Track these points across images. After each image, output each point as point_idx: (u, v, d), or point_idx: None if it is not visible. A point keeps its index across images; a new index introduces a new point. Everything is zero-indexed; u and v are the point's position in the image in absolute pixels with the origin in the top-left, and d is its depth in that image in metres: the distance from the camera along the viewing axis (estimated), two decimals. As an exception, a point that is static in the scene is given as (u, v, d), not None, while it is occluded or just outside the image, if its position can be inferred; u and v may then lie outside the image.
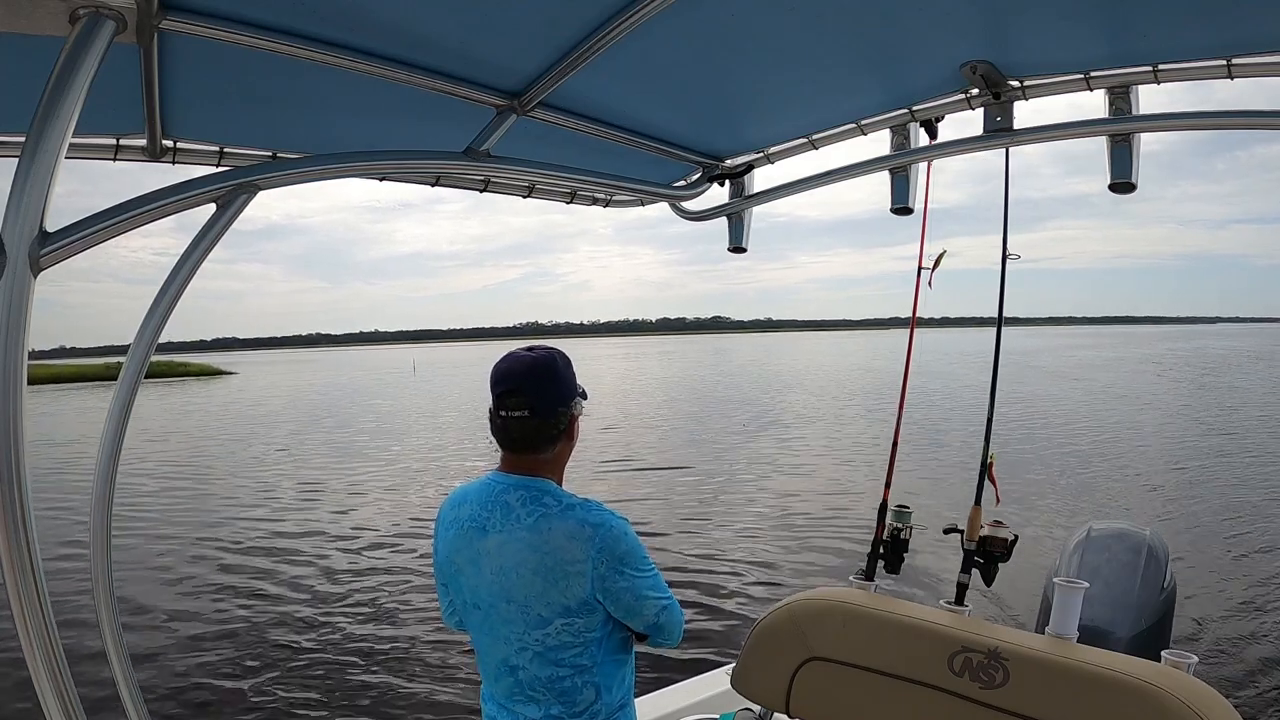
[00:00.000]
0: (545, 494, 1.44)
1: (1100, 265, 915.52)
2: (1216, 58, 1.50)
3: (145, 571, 7.48)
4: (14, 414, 0.88)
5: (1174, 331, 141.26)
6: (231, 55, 1.30)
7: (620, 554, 1.41)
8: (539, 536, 1.40)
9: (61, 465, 14.07)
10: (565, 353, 1.52)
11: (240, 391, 41.44)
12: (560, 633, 1.41)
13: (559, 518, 1.41)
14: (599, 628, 1.44)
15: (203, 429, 22.21)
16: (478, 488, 1.52)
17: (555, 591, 1.39)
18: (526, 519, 1.42)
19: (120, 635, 1.16)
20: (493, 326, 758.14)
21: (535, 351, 1.50)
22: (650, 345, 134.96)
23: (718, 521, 9.02)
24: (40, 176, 0.90)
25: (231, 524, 9.60)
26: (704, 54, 1.60)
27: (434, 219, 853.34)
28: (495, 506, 1.45)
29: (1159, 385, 26.44)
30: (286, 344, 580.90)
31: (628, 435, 16.93)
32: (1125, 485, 10.54)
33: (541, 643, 1.43)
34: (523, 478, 1.47)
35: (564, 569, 1.38)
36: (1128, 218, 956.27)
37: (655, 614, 1.46)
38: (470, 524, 1.47)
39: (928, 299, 2.02)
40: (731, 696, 1.83)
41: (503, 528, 1.43)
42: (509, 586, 1.42)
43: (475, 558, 1.46)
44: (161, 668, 5.19)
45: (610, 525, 1.41)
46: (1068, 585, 1.51)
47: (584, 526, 1.40)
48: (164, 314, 1.18)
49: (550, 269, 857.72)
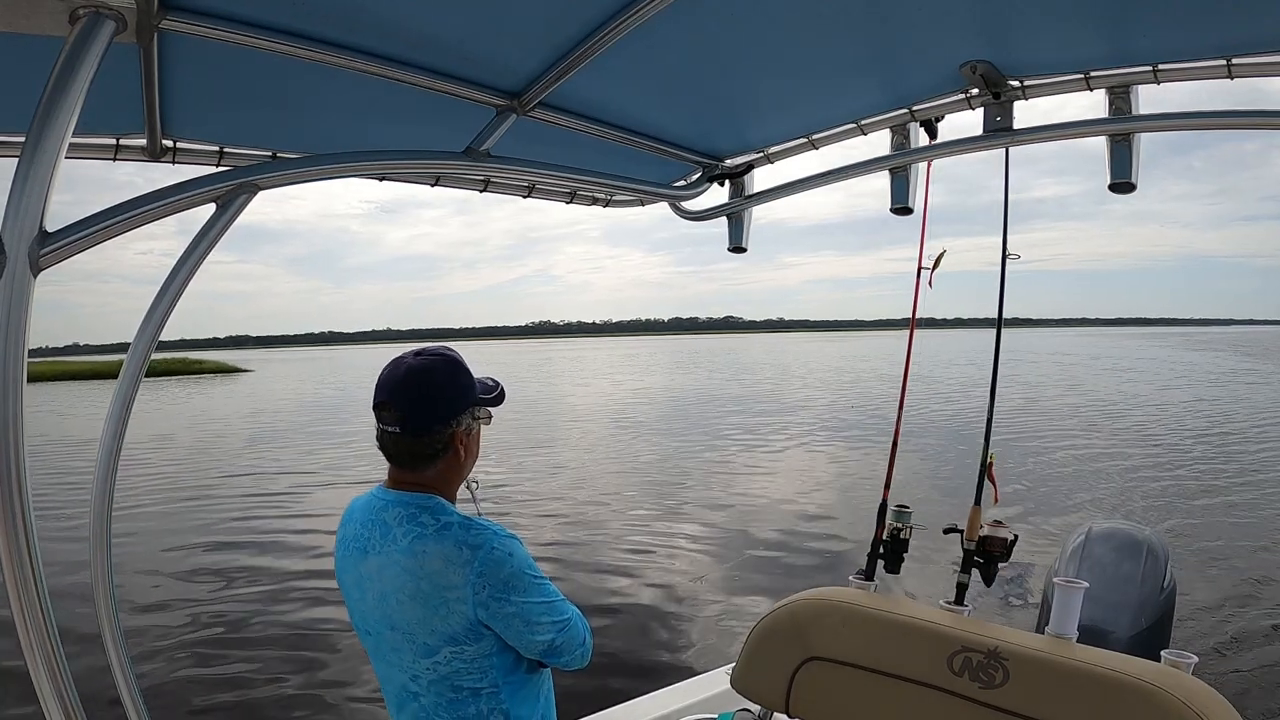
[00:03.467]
0: (424, 511, 1.30)
1: (1082, 268, 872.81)
2: (1216, 58, 1.50)
3: (149, 570, 7.48)
4: (14, 414, 0.88)
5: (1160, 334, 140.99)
6: (231, 55, 1.29)
7: (504, 578, 1.26)
8: (414, 560, 1.27)
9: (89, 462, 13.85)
10: (457, 359, 1.38)
11: (256, 389, 41.19)
12: (450, 660, 1.29)
13: (434, 539, 1.27)
14: (494, 653, 1.31)
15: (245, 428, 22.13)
16: (363, 503, 1.40)
17: (436, 619, 1.26)
18: (402, 540, 1.29)
19: (120, 635, 1.16)
20: (504, 325, 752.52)
21: (419, 358, 1.35)
22: (662, 345, 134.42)
23: (718, 521, 9.02)
24: (40, 176, 0.90)
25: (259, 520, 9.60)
26: (704, 54, 1.60)
27: (436, 221, 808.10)
28: (375, 525, 1.33)
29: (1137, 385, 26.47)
30: (299, 342, 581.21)
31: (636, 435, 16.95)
32: (1125, 485, 10.54)
33: (434, 671, 1.30)
34: (404, 494, 1.34)
35: (441, 595, 1.25)
36: (1109, 219, 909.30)
37: (549, 639, 1.32)
38: (353, 544, 1.36)
39: (930, 299, 2.01)
40: (731, 696, 1.83)
41: (380, 549, 1.31)
42: (390, 613, 1.30)
43: (359, 581, 1.35)
44: (161, 667, 5.19)
45: (491, 547, 1.27)
46: (1068, 585, 1.51)
47: (461, 549, 1.26)
48: (164, 314, 1.18)
49: (549, 270, 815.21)
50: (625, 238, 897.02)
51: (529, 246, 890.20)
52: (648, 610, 6.09)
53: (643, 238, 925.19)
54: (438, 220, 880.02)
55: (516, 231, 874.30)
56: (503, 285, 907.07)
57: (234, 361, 78.93)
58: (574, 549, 7.90)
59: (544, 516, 9.44)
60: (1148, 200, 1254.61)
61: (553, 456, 14.35)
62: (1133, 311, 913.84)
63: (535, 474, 12.41)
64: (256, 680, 5.01)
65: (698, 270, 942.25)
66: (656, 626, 5.76)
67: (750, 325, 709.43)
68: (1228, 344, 68.49)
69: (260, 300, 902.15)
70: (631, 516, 9.33)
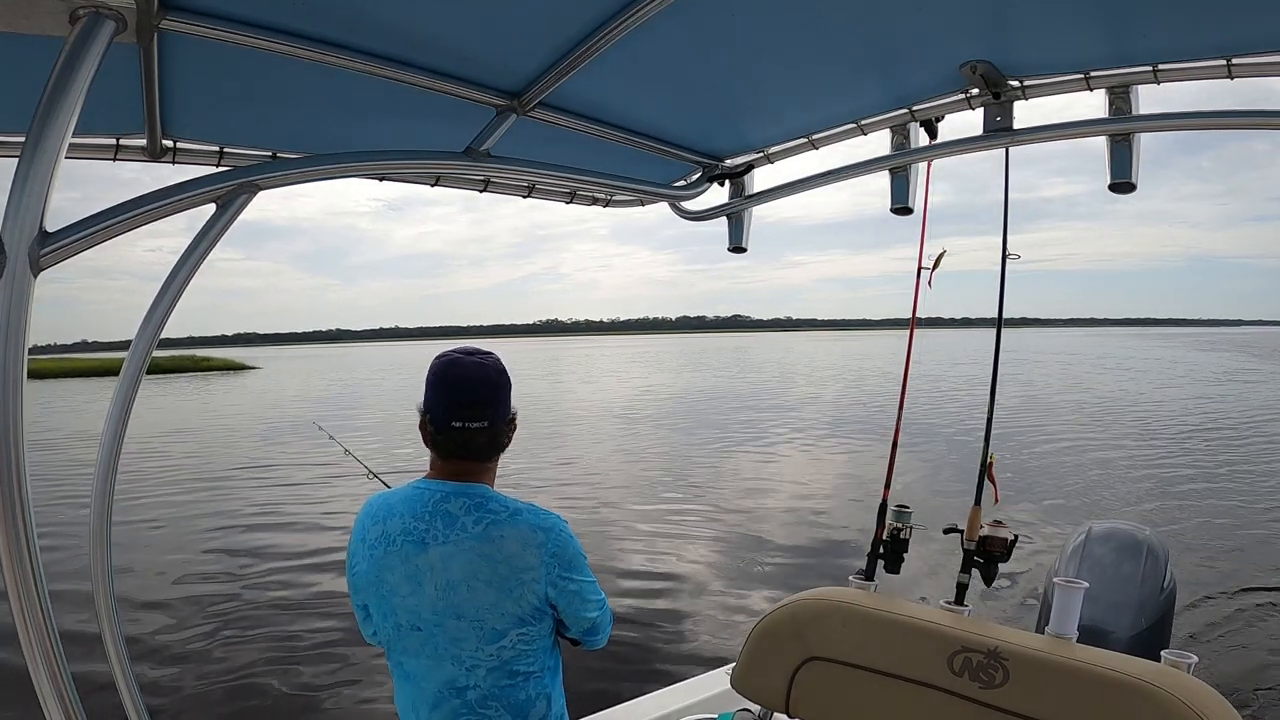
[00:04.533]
0: (489, 499, 1.38)
1: (1090, 268, 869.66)
2: (1216, 58, 1.50)
3: (153, 568, 7.48)
4: (14, 414, 0.88)
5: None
6: (231, 55, 1.30)
7: (569, 557, 1.38)
8: (490, 545, 1.33)
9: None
10: None
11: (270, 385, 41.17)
12: (515, 643, 1.36)
13: (509, 524, 1.35)
14: (548, 634, 1.41)
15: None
16: (404, 497, 1.41)
17: (509, 601, 1.33)
18: (474, 527, 1.34)
19: (120, 635, 1.16)
20: (512, 324, 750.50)
21: (486, 360, 1.42)
22: (669, 344, 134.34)
23: (717, 520, 9.02)
24: (40, 176, 0.90)
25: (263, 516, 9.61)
26: (704, 54, 1.60)
27: (443, 218, 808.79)
28: (435, 516, 1.36)
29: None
30: (307, 339, 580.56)
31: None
32: (1126, 485, 10.55)
33: (496, 656, 1.36)
34: (461, 484, 1.39)
35: (518, 576, 1.33)
36: (1117, 219, 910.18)
37: (595, 616, 1.44)
38: (404, 538, 1.36)
39: (937, 298, 2.01)
40: (731, 696, 1.83)
41: (446, 539, 1.34)
42: (459, 602, 1.33)
43: (413, 574, 1.35)
44: (161, 667, 5.19)
45: (559, 529, 1.38)
46: (1068, 585, 1.51)
47: (535, 531, 1.35)
48: (165, 313, 1.18)
49: (556, 268, 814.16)
50: (633, 236, 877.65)
51: (536, 244, 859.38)
52: (650, 609, 6.09)
53: (650, 236, 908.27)
54: (445, 218, 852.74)
55: (524, 229, 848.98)
56: (510, 283, 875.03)
57: (242, 359, 78.92)
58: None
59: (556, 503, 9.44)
60: (1157, 200, 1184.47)
61: (562, 451, 14.47)
62: (1141, 312, 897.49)
63: (545, 467, 12.48)
64: (257, 680, 5.01)
65: (705, 269, 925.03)
66: (659, 623, 5.77)
67: (758, 324, 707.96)
68: (1238, 345, 68.28)
69: (268, 297, 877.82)
70: (637, 510, 9.33)
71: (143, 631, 5.73)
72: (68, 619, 0.96)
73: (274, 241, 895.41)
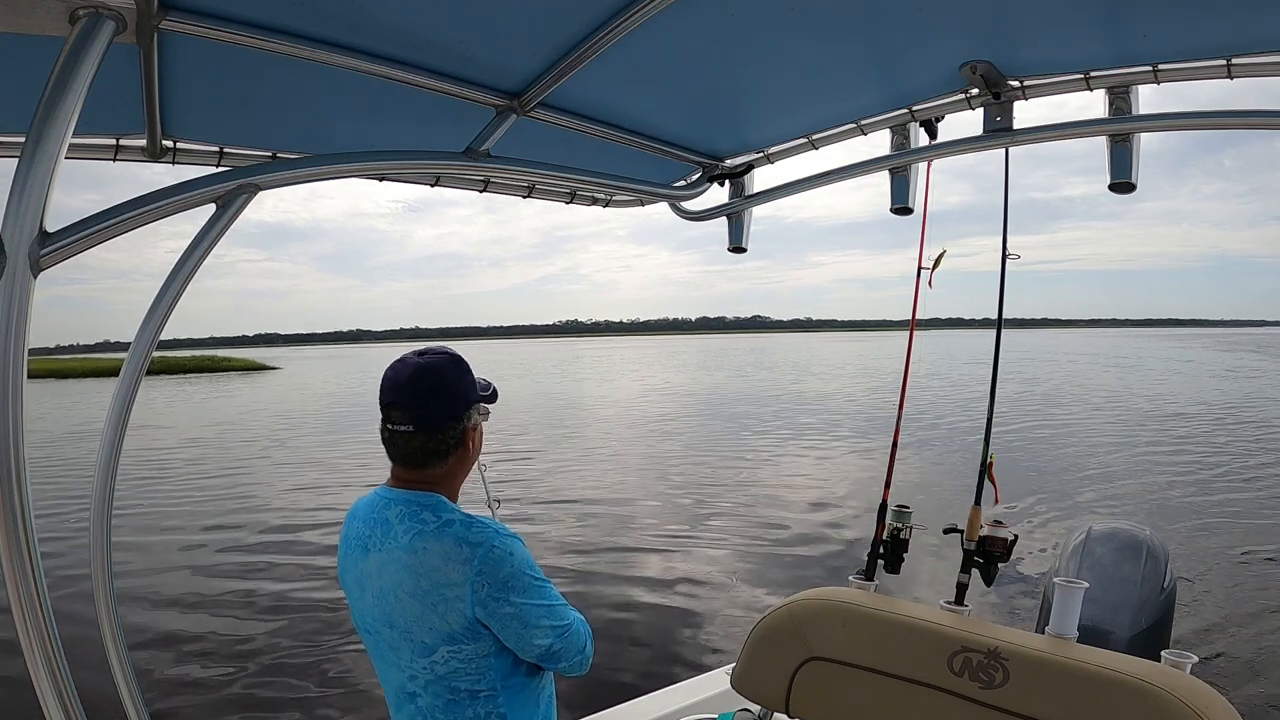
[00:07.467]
0: (425, 509, 1.31)
1: (1113, 268, 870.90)
2: (1216, 58, 1.50)
3: (149, 569, 7.48)
4: (14, 414, 0.88)
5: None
6: (231, 55, 1.30)
7: (503, 577, 1.26)
8: (414, 557, 1.27)
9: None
10: (459, 357, 1.39)
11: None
12: (448, 660, 1.29)
13: (434, 536, 1.27)
14: (492, 654, 1.30)
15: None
16: (366, 502, 1.41)
17: (434, 616, 1.26)
18: (403, 537, 1.29)
19: (121, 635, 1.16)
20: (532, 324, 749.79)
21: (424, 357, 1.36)
22: (689, 344, 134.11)
23: (717, 520, 9.01)
24: (40, 176, 0.90)
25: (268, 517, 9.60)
26: (704, 54, 1.60)
27: (463, 219, 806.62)
28: (377, 523, 1.33)
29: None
30: (328, 340, 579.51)
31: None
32: (1126, 485, 10.54)
33: (431, 671, 1.30)
34: (406, 491, 1.34)
35: (440, 593, 1.25)
36: (1140, 219, 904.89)
37: (548, 643, 1.31)
38: (355, 542, 1.37)
39: (947, 298, 2.00)
40: (731, 696, 1.83)
41: (381, 547, 1.31)
42: (390, 611, 1.30)
43: (360, 579, 1.35)
44: (161, 666, 5.19)
45: (492, 545, 1.26)
46: (1067, 585, 1.51)
47: (461, 546, 1.26)
48: (164, 314, 1.18)
49: (576, 269, 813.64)
50: (652, 236, 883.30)
51: (556, 245, 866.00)
52: (653, 607, 6.09)
53: (669, 236, 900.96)
54: (465, 219, 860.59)
55: (543, 230, 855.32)
56: (530, 284, 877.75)
57: (263, 359, 78.91)
58: (584, 542, 7.89)
59: (560, 502, 9.56)
60: (1179, 199, 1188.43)
61: (578, 449, 14.62)
62: (1164, 312, 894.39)
63: (556, 465, 12.54)
64: (257, 680, 5.01)
65: (725, 269, 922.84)
66: (665, 620, 5.76)
67: (777, 325, 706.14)
68: (1263, 346, 67.74)
69: (290, 298, 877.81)
70: (651, 509, 9.34)
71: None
72: (67, 624, 0.95)
73: (296, 243, 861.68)
